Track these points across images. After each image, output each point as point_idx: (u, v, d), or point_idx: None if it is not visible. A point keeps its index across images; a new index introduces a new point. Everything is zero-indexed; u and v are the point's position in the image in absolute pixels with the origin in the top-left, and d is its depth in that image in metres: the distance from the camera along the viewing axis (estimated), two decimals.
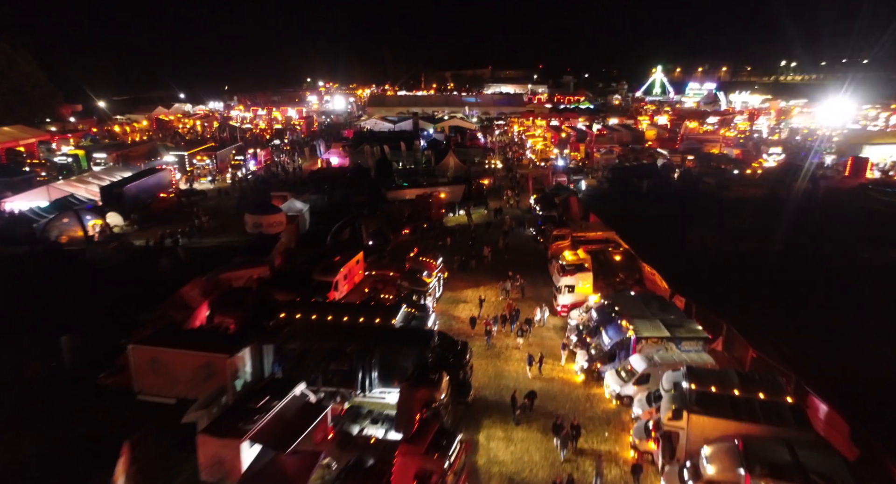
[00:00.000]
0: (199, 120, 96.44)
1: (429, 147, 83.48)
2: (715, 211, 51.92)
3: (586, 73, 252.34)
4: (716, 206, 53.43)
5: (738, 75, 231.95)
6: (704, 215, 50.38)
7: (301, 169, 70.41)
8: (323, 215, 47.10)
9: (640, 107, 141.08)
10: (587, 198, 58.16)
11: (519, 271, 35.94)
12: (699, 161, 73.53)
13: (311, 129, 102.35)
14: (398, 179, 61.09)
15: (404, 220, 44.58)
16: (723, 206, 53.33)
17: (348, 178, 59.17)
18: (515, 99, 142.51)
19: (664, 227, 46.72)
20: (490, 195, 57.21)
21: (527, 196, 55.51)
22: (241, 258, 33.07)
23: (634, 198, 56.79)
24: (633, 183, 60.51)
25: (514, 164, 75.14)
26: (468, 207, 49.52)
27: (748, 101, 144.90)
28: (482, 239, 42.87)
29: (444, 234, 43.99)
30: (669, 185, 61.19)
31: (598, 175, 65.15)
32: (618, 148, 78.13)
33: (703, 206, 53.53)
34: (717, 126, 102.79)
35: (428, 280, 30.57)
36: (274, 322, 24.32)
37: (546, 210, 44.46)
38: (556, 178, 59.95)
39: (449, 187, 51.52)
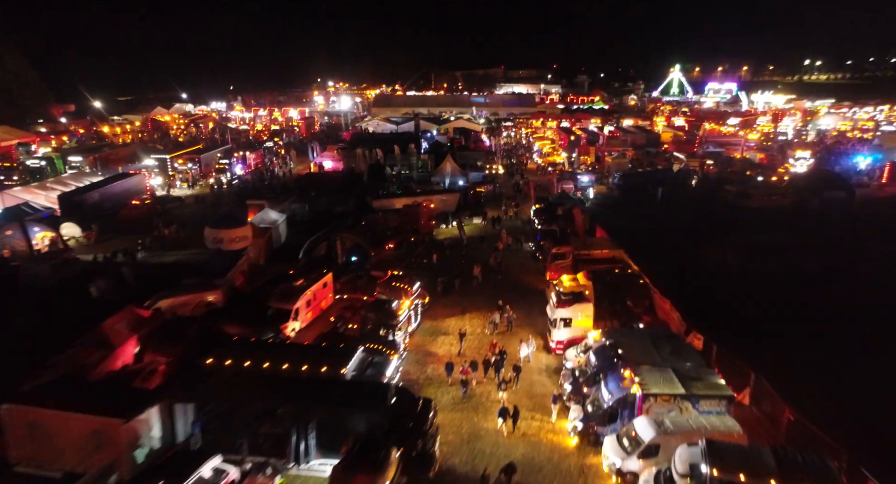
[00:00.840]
0: (196, 121, 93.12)
1: (430, 150, 79.35)
2: (737, 223, 46.81)
3: (602, 72, 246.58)
4: (738, 218, 48.30)
5: (759, 75, 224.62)
6: (725, 228, 45.29)
7: (291, 173, 66.51)
8: (304, 226, 42.94)
9: (656, 107, 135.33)
10: (595, 207, 53.35)
11: (513, 295, 31.54)
12: (719, 166, 68.22)
13: (311, 131, 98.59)
14: (392, 186, 56.85)
15: (389, 233, 40.23)
16: (746, 218, 48.19)
17: (338, 184, 55.03)
18: (526, 99, 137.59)
19: (680, 242, 41.73)
20: (490, 204, 52.70)
21: (529, 205, 50.86)
22: (192, 280, 28.90)
23: (647, 207, 51.82)
24: (646, 190, 55.50)
25: (519, 168, 70.34)
26: (461, 219, 44.94)
27: (771, 102, 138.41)
28: (474, 255, 38.39)
29: (433, 248, 39.51)
30: (686, 193, 56.09)
31: (607, 181, 60.18)
32: (631, 152, 72.98)
33: (724, 218, 48.41)
34: (739, 128, 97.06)
35: (400, 311, 26.08)
36: (197, 370, 20.05)
37: (546, 224, 39.74)
38: (561, 186, 55.14)
39: (442, 196, 47.09)
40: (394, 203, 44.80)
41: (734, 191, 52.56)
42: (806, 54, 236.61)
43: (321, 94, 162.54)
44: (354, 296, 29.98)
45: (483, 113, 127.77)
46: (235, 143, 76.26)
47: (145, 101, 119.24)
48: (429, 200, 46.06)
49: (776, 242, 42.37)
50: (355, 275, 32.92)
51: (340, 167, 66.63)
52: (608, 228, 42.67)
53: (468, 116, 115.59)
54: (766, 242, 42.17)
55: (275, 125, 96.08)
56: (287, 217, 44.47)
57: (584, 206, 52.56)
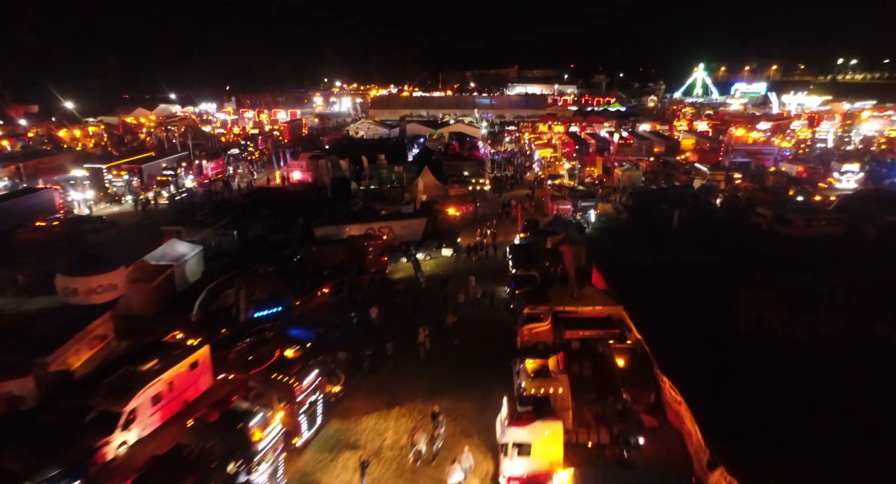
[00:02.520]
0: (167, 124, 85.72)
1: (417, 159, 70.75)
2: (775, 258, 37.20)
3: (621, 72, 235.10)
4: (775, 251, 38.64)
5: (789, 74, 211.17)
6: (759, 265, 35.78)
7: (251, 186, 58.41)
8: (230, 260, 34.58)
9: (677, 110, 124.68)
10: (596, 232, 44.09)
11: (468, 373, 22.99)
12: (749, 179, 58.27)
13: (298, 134, 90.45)
14: (360, 203, 48.25)
15: (327, 272, 31.56)
16: (785, 251, 38.54)
17: (295, 202, 46.65)
18: (535, 101, 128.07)
19: (700, 285, 32.36)
20: (470, 228, 43.85)
21: (516, 230, 41.81)
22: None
23: (660, 235, 42.36)
24: (660, 212, 46.02)
25: (511, 182, 61.00)
26: (412, 253, 35.94)
27: (804, 103, 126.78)
28: (431, 306, 29.58)
29: (376, 297, 30.76)
30: (709, 217, 46.40)
31: (615, 199, 50.73)
32: (644, 162, 63.42)
33: (757, 251, 38.77)
34: (770, 134, 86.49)
35: (258, 433, 16.81)
36: None
37: (523, 267, 30.57)
38: (556, 206, 45.93)
39: (405, 221, 38.25)
40: (342, 231, 36.10)
41: (769, 215, 42.77)
42: (839, 52, 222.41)
43: (321, 95, 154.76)
44: (245, 375, 21.47)
45: (489, 115, 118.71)
46: (199, 150, 68.44)
47: (127, 101, 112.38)
48: (387, 228, 37.35)
49: (827, 287, 32.75)
50: (258, 340, 24.41)
51: (309, 179, 58.38)
52: (608, 267, 33.60)
53: (470, 119, 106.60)
54: (814, 286, 32.56)
55: (254, 129, 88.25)
56: (212, 247, 36.27)
57: (582, 231, 43.46)
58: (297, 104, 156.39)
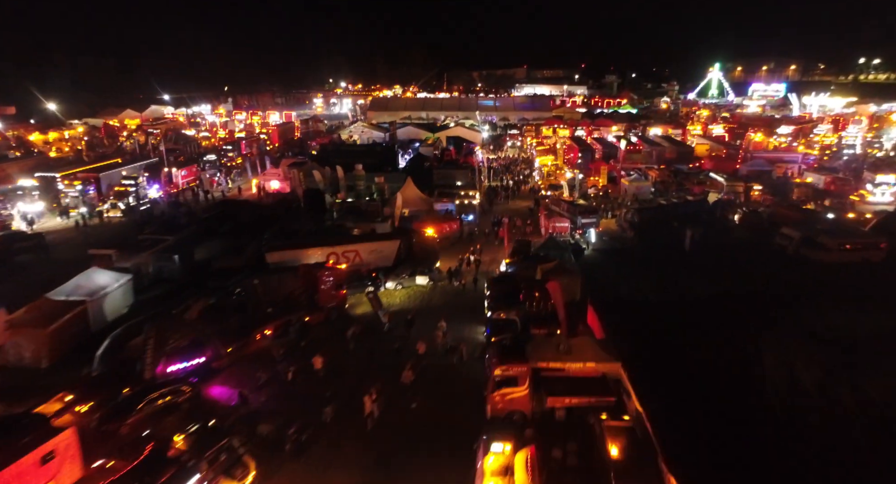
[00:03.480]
0: (150, 126, 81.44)
1: (410, 165, 65.78)
2: (804, 291, 31.70)
3: (634, 72, 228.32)
4: (804, 281, 33.11)
5: (809, 74, 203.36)
6: (788, 301, 30.32)
7: (225, 195, 53.77)
8: (173, 289, 29.82)
9: (691, 112, 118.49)
10: (596, 257, 38.76)
11: (422, 453, 17.97)
12: (769, 191, 52.61)
13: (289, 138, 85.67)
14: (336, 218, 43.31)
15: (271, 310, 26.60)
16: (817, 282, 32.99)
17: (264, 216, 41.83)
18: (541, 102, 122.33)
19: (718, 329, 27.00)
20: (455, 248, 38.86)
21: (503, 253, 36.62)
22: None
23: (671, 260, 36.95)
24: (670, 231, 40.62)
25: (510, 193, 55.68)
26: (379, 284, 30.98)
27: (826, 105, 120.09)
28: (390, 355, 24.52)
29: (336, 335, 25.82)
30: (727, 237, 40.86)
31: (620, 215, 45.31)
32: (655, 172, 57.83)
33: (785, 281, 33.26)
34: (792, 138, 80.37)
35: None
36: None
37: (501, 306, 25.37)
38: (552, 224, 40.65)
39: (374, 244, 33.16)
40: (299, 257, 31.12)
41: (797, 237, 37.16)
42: (861, 51, 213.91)
43: (321, 97, 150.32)
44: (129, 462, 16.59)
45: (491, 118, 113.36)
46: (176, 155, 64.04)
47: (118, 102, 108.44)
48: (353, 252, 32.31)
49: (873, 329, 27.27)
50: (162, 406, 19.65)
51: (287, 189, 53.63)
52: (607, 304, 28.43)
53: (471, 123, 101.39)
54: (858, 329, 27.10)
55: (241, 132, 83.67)
56: (151, 274, 31.52)
57: (581, 254, 38.23)
58: (298, 105, 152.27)
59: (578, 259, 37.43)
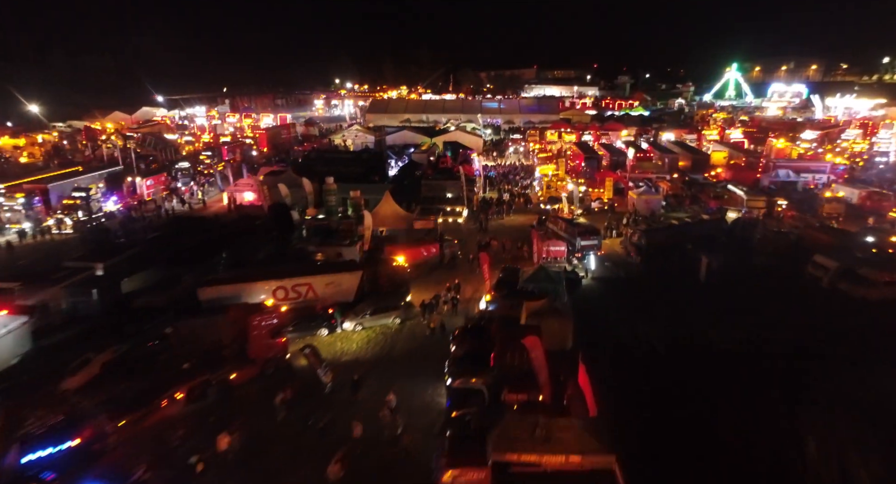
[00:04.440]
0: (130, 130, 77.33)
1: (400, 174, 60.99)
2: (847, 339, 26.24)
3: (647, 72, 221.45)
4: (846, 326, 27.60)
5: (831, 74, 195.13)
6: (826, 355, 24.91)
7: (191, 209, 49.21)
8: (86, 331, 25.12)
9: (706, 115, 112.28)
10: (595, 288, 33.47)
11: None
12: (796, 206, 47.01)
13: (280, 143, 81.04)
14: (304, 238, 38.50)
15: (186, 367, 21.71)
16: (861, 327, 27.45)
17: (220, 236, 37.12)
18: (549, 105, 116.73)
19: (740, 396, 21.73)
20: (435, 276, 33.93)
21: (485, 286, 31.46)
22: None
23: (684, 295, 31.56)
24: (683, 257, 35.25)
25: (504, 208, 50.31)
26: (330, 328, 26.12)
27: (852, 107, 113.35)
28: (320, 436, 19.54)
29: (265, 399, 20.92)
30: (749, 265, 35.30)
31: (625, 234, 39.93)
32: (666, 183, 52.31)
33: (821, 325, 27.78)
34: (817, 145, 74.27)
35: None
36: None
37: (466, 368, 20.20)
38: (546, 247, 35.43)
39: (328, 277, 28.18)
40: (239, 292, 26.26)
41: (833, 268, 31.61)
42: (885, 50, 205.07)
43: (322, 98, 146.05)
44: None
45: (496, 121, 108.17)
46: (149, 162, 59.78)
47: (106, 104, 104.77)
48: (306, 286, 27.41)
49: None
50: None
51: (260, 201, 48.94)
52: (603, 356, 23.33)
53: (473, 126, 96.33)
54: None
55: (226, 137, 79.27)
56: (64, 311, 26.91)
57: (577, 285, 33.02)
58: (299, 107, 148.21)
59: (575, 291, 32.25)
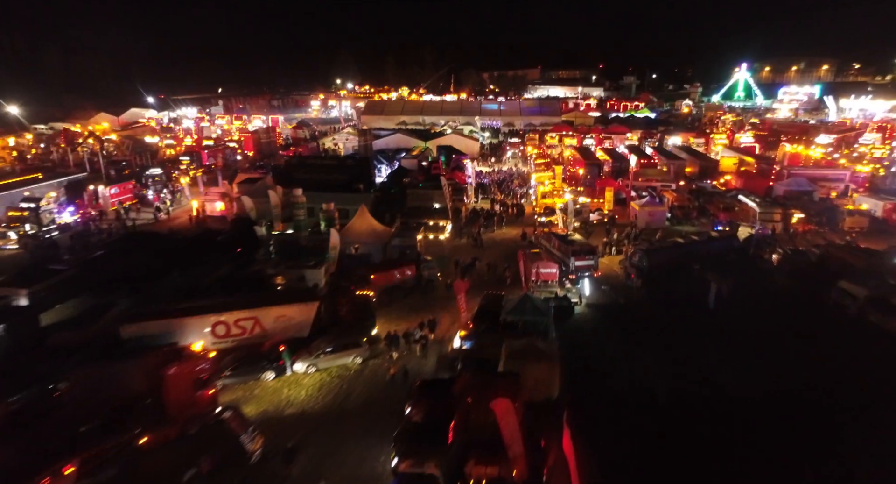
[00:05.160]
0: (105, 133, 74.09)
1: (388, 182, 57.25)
2: (880, 381, 22.30)
3: (654, 72, 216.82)
4: (882, 368, 23.60)
5: (843, 75, 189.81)
6: (861, 406, 20.99)
7: (156, 219, 45.66)
8: None
9: (715, 117, 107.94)
10: (589, 318, 29.56)
11: None
12: (815, 219, 43.03)
13: (266, 146, 77.52)
14: (270, 256, 34.79)
15: (84, 430, 17.96)
16: None
17: (173, 255, 33.39)
18: (550, 107, 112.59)
19: (760, 463, 17.89)
20: (408, 303, 30.15)
21: (466, 320, 27.60)
22: None
23: (690, 325, 27.65)
24: (690, 281, 31.28)
25: (491, 222, 46.33)
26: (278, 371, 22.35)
27: (867, 109, 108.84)
28: None
29: (182, 466, 17.19)
30: (763, 289, 31.25)
31: (626, 251, 36.01)
32: (671, 193, 48.29)
33: (849, 366, 23.81)
34: (833, 149, 70.01)
35: None
36: None
37: (414, 450, 16.21)
38: (536, 270, 31.58)
39: (278, 310, 24.38)
40: (169, 329, 22.53)
41: (862, 296, 27.60)
42: None
43: (319, 99, 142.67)
44: None
45: (495, 123, 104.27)
46: (121, 168, 56.32)
47: (90, 105, 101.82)
48: (252, 320, 23.67)
49: None
50: None
51: (230, 212, 45.38)
52: (593, 412, 19.59)
53: (471, 129, 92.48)
54: None
55: (208, 140, 75.72)
56: None
57: (570, 314, 29.22)
58: (296, 109, 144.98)
59: (566, 321, 28.49)
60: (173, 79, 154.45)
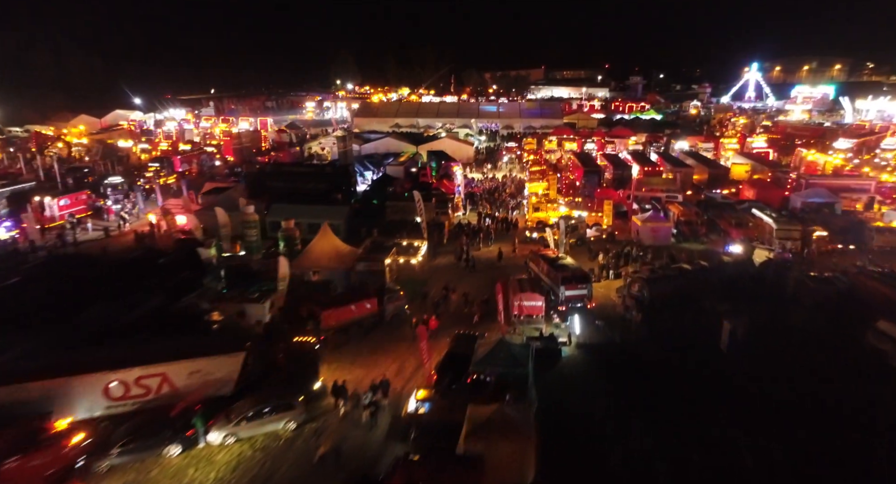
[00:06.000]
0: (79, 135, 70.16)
1: (371, 191, 52.87)
2: None
3: (661, 72, 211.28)
4: None
5: (857, 74, 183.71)
6: None
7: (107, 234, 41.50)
8: None
9: (725, 119, 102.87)
10: (577, 365, 25.02)
11: None
12: (840, 237, 38.29)
13: (252, 150, 73.20)
14: (214, 284, 30.40)
15: None
16: None
17: (106, 280, 29.11)
18: (552, 108, 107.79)
19: None
20: (370, 342, 25.81)
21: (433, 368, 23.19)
22: None
23: (698, 375, 23.06)
24: (697, 314, 26.71)
25: (485, 235, 41.89)
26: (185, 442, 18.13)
27: (885, 110, 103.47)
28: None
29: None
30: (785, 330, 26.57)
31: (624, 280, 31.42)
32: (677, 207, 43.57)
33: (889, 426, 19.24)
34: (853, 155, 65.05)
35: None
36: None
37: None
38: (519, 302, 27.11)
39: (193, 363, 19.98)
40: (51, 393, 18.20)
41: None
42: None
43: (316, 100, 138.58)
44: None
45: (494, 125, 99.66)
46: (78, 176, 52.23)
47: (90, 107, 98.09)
48: (158, 376, 19.32)
49: None
50: None
51: (189, 226, 41.14)
52: None
53: (467, 132, 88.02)
54: None
55: (185, 144, 71.49)
56: None
57: (556, 358, 24.80)
58: (292, 110, 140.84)
59: (551, 368, 24.02)
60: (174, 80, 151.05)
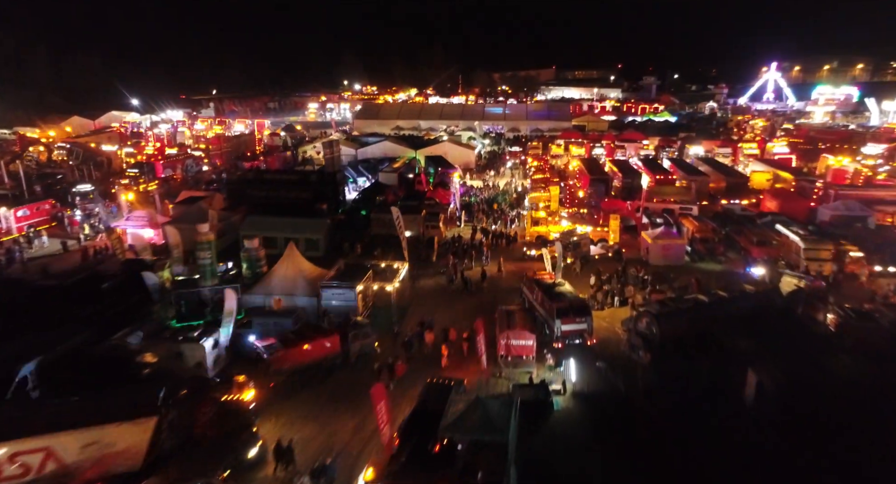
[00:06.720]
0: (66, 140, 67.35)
1: (360, 201, 49.25)
2: None
3: (676, 72, 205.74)
4: None
5: (880, 74, 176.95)
6: None
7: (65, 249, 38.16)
8: None
9: (742, 121, 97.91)
10: (571, 423, 21.08)
11: None
12: (874, 257, 33.92)
13: (245, 154, 69.81)
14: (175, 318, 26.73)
15: None
16: None
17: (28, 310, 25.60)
18: (560, 110, 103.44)
19: None
20: (333, 385, 22.08)
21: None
22: None
23: (718, 439, 18.96)
24: (717, 360, 22.57)
25: (477, 251, 37.87)
26: None
27: None
28: None
29: None
30: (824, 378, 22.34)
31: (633, 301, 27.35)
32: (691, 222, 39.32)
33: None
34: (883, 161, 60.22)
35: None
36: None
37: None
38: (506, 340, 23.20)
39: (87, 434, 16.22)
40: None
41: None
42: None
43: (319, 101, 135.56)
44: None
45: (499, 128, 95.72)
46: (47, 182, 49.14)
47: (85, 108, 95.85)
48: (38, 453, 15.62)
49: None
50: None
51: (159, 241, 37.78)
52: None
53: (470, 135, 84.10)
54: None
55: (172, 148, 68.16)
56: None
57: (548, 411, 20.83)
58: (295, 111, 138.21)
59: (540, 427, 20.00)
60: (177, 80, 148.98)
